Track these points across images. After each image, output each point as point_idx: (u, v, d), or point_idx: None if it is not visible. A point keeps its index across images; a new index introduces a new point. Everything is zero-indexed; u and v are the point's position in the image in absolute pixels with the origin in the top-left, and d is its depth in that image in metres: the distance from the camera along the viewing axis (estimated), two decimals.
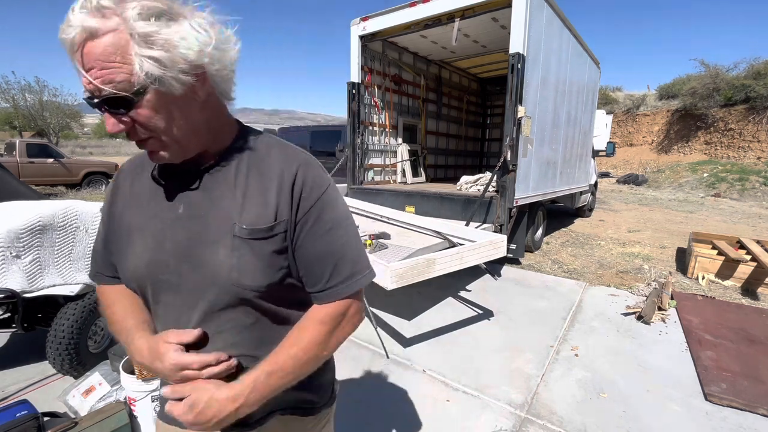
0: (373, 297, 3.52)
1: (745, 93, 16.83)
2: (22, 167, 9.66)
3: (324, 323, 0.77)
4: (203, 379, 0.71)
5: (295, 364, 0.74)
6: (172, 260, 0.74)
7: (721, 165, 16.34)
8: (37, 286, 2.22)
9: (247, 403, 0.71)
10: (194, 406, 0.69)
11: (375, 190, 5.39)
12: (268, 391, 0.73)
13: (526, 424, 2.06)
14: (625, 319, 3.40)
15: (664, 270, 4.85)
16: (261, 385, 0.72)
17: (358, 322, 0.84)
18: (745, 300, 3.94)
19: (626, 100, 22.74)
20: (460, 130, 8.85)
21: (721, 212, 10.56)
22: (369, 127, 6.04)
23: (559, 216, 8.63)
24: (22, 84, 25.74)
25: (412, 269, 2.33)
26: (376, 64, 5.97)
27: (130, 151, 38.28)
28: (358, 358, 2.65)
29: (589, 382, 2.44)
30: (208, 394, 0.69)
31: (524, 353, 2.77)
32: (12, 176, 3.72)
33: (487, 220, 4.31)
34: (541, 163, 4.91)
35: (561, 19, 4.82)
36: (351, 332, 0.83)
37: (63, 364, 2.18)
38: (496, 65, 7.75)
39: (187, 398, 0.70)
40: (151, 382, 1.79)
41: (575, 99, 5.97)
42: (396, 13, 4.88)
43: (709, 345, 2.91)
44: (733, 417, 2.15)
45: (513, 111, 3.98)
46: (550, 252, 5.66)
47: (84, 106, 36.57)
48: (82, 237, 2.43)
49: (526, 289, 4.08)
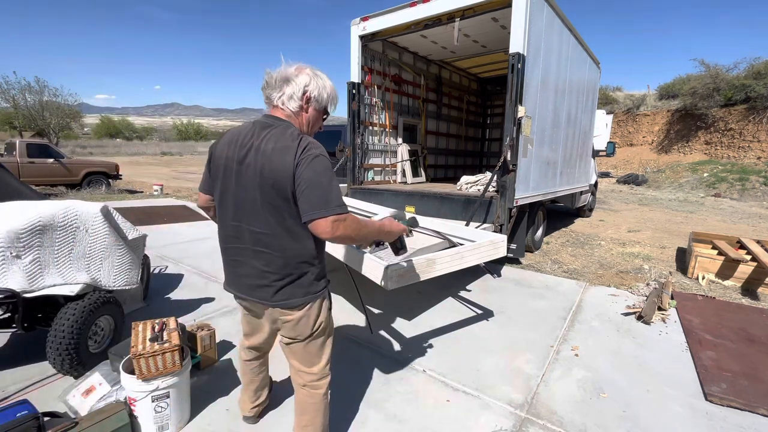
0: (374, 297, 3.53)
1: (745, 93, 16.84)
2: (23, 167, 9.66)
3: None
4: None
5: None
6: None
7: (721, 165, 16.35)
8: (38, 286, 2.22)
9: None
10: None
11: (375, 190, 5.39)
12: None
13: (526, 424, 2.06)
14: (625, 319, 3.40)
15: (664, 270, 4.85)
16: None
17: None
18: (745, 300, 3.94)
19: (626, 100, 22.74)
20: (460, 130, 8.85)
21: (721, 212, 10.56)
22: (369, 127, 6.04)
23: (559, 216, 8.63)
24: (23, 84, 25.77)
25: (412, 269, 2.32)
26: (376, 64, 5.97)
27: (130, 152, 38.28)
28: (358, 358, 2.65)
29: (589, 382, 2.44)
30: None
31: (524, 353, 2.77)
32: (12, 176, 3.72)
33: (487, 220, 4.31)
34: (541, 163, 4.91)
35: (561, 18, 4.82)
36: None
37: (63, 364, 2.18)
38: (496, 65, 7.75)
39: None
40: (151, 382, 1.79)
41: (575, 99, 5.97)
42: (396, 13, 4.88)
43: (709, 345, 2.91)
44: (733, 417, 2.15)
45: (513, 111, 3.98)
46: (550, 252, 5.66)
47: (84, 106, 36.42)
48: (82, 237, 2.43)
49: (526, 289, 4.08)
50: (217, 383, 2.32)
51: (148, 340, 1.88)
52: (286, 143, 1.36)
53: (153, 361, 1.78)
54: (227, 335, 2.91)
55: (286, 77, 1.46)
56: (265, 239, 1.43)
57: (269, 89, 1.48)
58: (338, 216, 1.33)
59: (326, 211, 1.32)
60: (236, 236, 1.49)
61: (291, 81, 1.46)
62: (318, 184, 1.33)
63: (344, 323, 3.18)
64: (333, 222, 1.33)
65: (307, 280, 1.50)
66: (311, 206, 1.33)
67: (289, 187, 1.35)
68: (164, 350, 1.81)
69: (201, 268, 4.53)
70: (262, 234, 1.43)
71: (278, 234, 1.42)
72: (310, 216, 1.33)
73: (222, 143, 1.53)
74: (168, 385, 1.83)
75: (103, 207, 2.59)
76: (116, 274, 2.58)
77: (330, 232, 1.33)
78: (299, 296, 1.50)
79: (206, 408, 2.10)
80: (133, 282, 2.68)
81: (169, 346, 1.84)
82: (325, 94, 1.53)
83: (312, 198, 1.33)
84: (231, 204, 1.47)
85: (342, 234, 1.36)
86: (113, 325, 2.51)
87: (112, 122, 60.12)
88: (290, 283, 1.48)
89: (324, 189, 1.34)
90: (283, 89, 1.46)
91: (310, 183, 1.33)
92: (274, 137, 1.39)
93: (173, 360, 1.84)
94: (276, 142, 1.38)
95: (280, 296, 1.48)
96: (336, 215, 1.33)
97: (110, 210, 2.68)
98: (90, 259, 2.45)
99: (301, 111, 1.50)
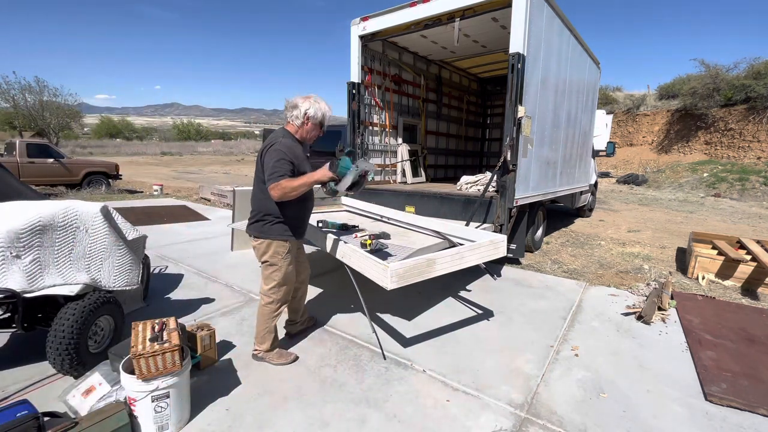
0: (374, 297, 3.52)
1: (745, 93, 16.84)
2: (23, 167, 9.67)
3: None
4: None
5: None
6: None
7: (721, 165, 16.35)
8: (37, 286, 2.22)
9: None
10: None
11: (375, 190, 5.39)
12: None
13: (526, 424, 2.06)
14: (625, 319, 3.40)
15: (664, 270, 4.85)
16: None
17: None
18: (745, 300, 3.94)
19: (626, 100, 22.74)
20: (460, 130, 8.85)
21: (721, 212, 10.56)
22: (369, 127, 6.04)
23: (559, 216, 8.64)
24: (23, 84, 25.77)
25: (412, 269, 2.32)
26: (376, 64, 5.97)
27: (130, 152, 38.29)
28: (357, 358, 2.65)
29: (589, 382, 2.44)
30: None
31: (524, 353, 2.77)
32: (12, 176, 3.72)
33: (487, 220, 4.31)
34: (541, 163, 4.91)
35: (561, 18, 4.82)
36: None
37: (63, 364, 2.18)
38: (496, 65, 7.75)
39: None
40: (151, 382, 1.79)
41: (575, 99, 5.97)
42: (396, 13, 4.88)
43: (709, 345, 2.91)
44: (733, 417, 2.15)
45: (513, 111, 3.98)
46: (550, 252, 5.66)
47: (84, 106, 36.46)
48: (82, 237, 2.43)
49: (526, 289, 4.08)
50: (217, 383, 2.32)
51: (148, 340, 1.88)
52: (271, 139, 2.29)
53: (153, 361, 1.78)
54: (227, 335, 2.91)
55: (295, 104, 2.34)
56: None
57: (286, 111, 2.37)
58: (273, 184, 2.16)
59: (270, 181, 2.18)
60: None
61: (298, 106, 2.33)
62: (267, 164, 2.21)
63: (344, 323, 3.18)
64: (270, 188, 2.17)
65: (267, 225, 2.37)
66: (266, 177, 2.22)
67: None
68: (164, 350, 1.81)
69: (201, 268, 4.53)
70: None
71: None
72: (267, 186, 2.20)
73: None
74: (168, 385, 1.83)
75: (103, 207, 2.59)
76: (116, 274, 2.58)
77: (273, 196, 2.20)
78: (257, 232, 2.40)
79: (206, 408, 2.10)
80: (133, 282, 2.68)
81: (169, 346, 1.84)
82: (320, 113, 2.36)
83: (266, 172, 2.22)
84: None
85: (277, 194, 2.17)
86: (113, 325, 2.51)
87: (112, 122, 60.16)
88: (255, 222, 2.41)
89: (269, 167, 2.20)
90: (293, 111, 2.34)
91: (265, 163, 2.23)
92: (274, 136, 2.31)
93: (173, 360, 1.84)
94: (269, 139, 2.30)
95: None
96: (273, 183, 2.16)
97: (110, 210, 2.68)
98: (90, 259, 2.45)
99: (303, 125, 2.37)
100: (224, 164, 29.30)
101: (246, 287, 3.93)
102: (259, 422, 2.01)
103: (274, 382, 2.35)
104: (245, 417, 2.04)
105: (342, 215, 4.56)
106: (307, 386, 2.33)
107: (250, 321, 3.18)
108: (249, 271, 4.43)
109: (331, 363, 2.59)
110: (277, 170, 2.15)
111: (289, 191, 2.14)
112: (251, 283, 4.04)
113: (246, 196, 4.67)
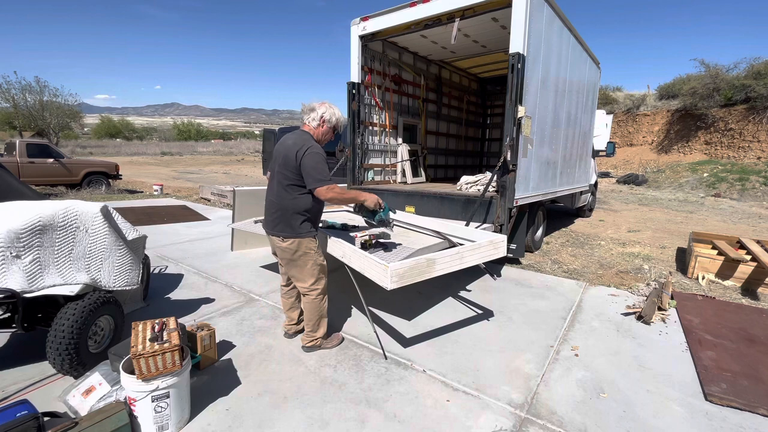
0: (374, 297, 3.53)
1: (745, 93, 16.83)
2: (22, 167, 9.67)
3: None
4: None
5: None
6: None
7: (721, 165, 16.34)
8: (37, 286, 2.22)
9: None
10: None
11: (375, 191, 5.39)
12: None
13: (526, 424, 2.06)
14: (625, 319, 3.40)
15: (664, 270, 4.85)
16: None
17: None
18: (745, 300, 3.94)
19: (626, 100, 22.73)
20: (460, 130, 8.85)
21: (721, 212, 10.56)
22: (369, 127, 6.04)
23: (559, 216, 8.64)
24: (23, 84, 25.76)
25: (412, 269, 2.32)
26: (376, 64, 5.97)
27: (130, 152, 38.29)
28: (357, 358, 2.65)
29: (589, 382, 2.44)
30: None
31: (524, 353, 2.77)
32: (12, 176, 3.73)
33: (487, 220, 4.31)
34: (541, 163, 4.91)
35: (561, 18, 4.82)
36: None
37: (63, 364, 2.18)
38: (496, 65, 7.75)
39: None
40: (151, 382, 1.79)
41: (575, 99, 5.97)
42: (396, 13, 4.88)
43: (709, 345, 2.91)
44: (733, 417, 2.15)
45: (513, 111, 3.98)
46: (550, 252, 5.66)
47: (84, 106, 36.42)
48: (82, 237, 2.43)
49: (526, 289, 4.08)
50: (217, 383, 2.32)
51: (148, 340, 1.88)
52: (298, 141, 2.41)
53: (153, 361, 1.78)
54: (227, 335, 2.91)
55: (312, 108, 2.54)
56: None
57: (303, 114, 2.56)
58: (329, 185, 2.37)
59: (323, 182, 2.34)
60: (268, 194, 2.60)
61: (315, 110, 2.53)
62: (311, 167, 2.35)
63: (344, 323, 3.18)
64: (327, 188, 2.35)
65: (297, 224, 2.47)
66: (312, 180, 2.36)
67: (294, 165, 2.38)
68: (164, 350, 1.81)
69: (201, 268, 4.53)
70: (275, 191, 2.51)
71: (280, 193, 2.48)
72: (311, 186, 2.36)
73: (280, 139, 2.59)
74: (168, 385, 1.83)
75: (103, 207, 2.59)
76: (116, 274, 2.58)
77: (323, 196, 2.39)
78: (288, 232, 2.48)
79: (206, 408, 2.10)
80: (133, 282, 2.68)
81: (169, 346, 1.84)
82: (334, 117, 2.57)
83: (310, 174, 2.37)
84: (272, 173, 2.55)
85: (330, 195, 2.36)
86: (113, 325, 2.51)
87: (112, 122, 60.08)
88: (281, 224, 2.49)
89: (316, 170, 2.36)
90: (310, 114, 2.54)
91: (308, 165, 2.34)
92: (297, 137, 2.45)
93: (173, 360, 1.84)
94: (294, 140, 2.43)
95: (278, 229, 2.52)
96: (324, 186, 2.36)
97: (110, 210, 2.68)
98: (90, 260, 2.45)
99: (319, 126, 2.55)
100: (224, 164, 29.30)
101: (246, 287, 3.93)
102: (259, 422, 2.01)
103: (274, 382, 2.35)
104: (245, 417, 2.04)
105: (342, 215, 4.56)
106: (307, 386, 2.33)
107: (250, 321, 3.18)
108: (249, 271, 4.43)
109: (331, 363, 2.59)
110: (325, 172, 2.36)
111: (338, 196, 2.38)
112: (251, 283, 4.04)
113: (246, 196, 4.68)
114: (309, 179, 2.33)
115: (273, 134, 11.34)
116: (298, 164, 2.33)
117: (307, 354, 2.69)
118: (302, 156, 2.32)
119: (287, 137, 2.52)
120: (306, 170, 2.32)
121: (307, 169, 2.32)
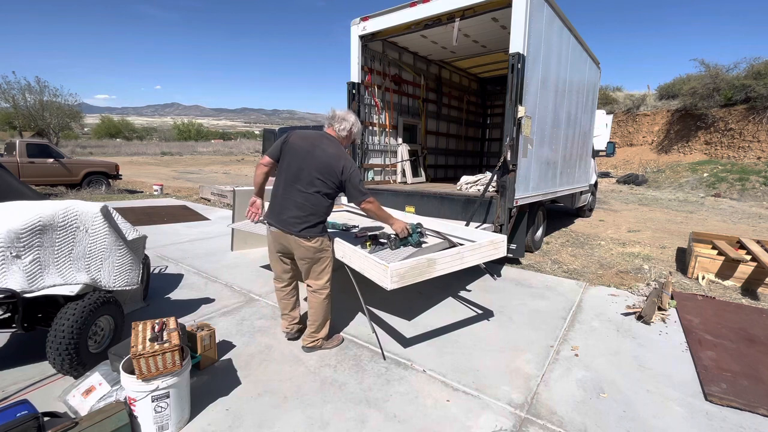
0: (374, 297, 3.53)
1: (745, 93, 16.84)
2: (22, 167, 9.67)
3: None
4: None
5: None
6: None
7: (722, 165, 16.34)
8: (37, 286, 2.22)
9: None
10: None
11: (375, 190, 5.39)
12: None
13: (526, 424, 2.06)
14: (625, 319, 3.40)
15: (664, 270, 4.85)
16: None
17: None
18: (745, 300, 3.94)
19: (626, 100, 22.74)
20: (460, 130, 8.85)
21: (721, 212, 10.56)
22: (369, 127, 6.04)
23: (559, 216, 8.64)
24: (23, 84, 25.75)
25: (413, 269, 2.32)
26: (376, 64, 5.97)
27: (130, 152, 38.30)
28: (357, 358, 2.65)
29: (589, 382, 2.44)
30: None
31: (524, 353, 2.77)
32: (12, 176, 3.73)
33: (487, 220, 4.31)
34: (541, 163, 4.91)
35: (561, 18, 4.82)
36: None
37: (63, 364, 2.18)
38: (496, 65, 7.75)
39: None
40: (151, 382, 1.79)
41: (575, 99, 5.97)
42: (396, 13, 4.88)
43: (709, 345, 2.91)
44: (733, 417, 2.15)
45: (513, 111, 3.98)
46: (550, 252, 5.66)
47: (84, 106, 36.38)
48: (82, 237, 2.43)
49: (526, 289, 4.08)
50: (217, 383, 2.32)
51: (148, 340, 1.88)
52: (339, 153, 2.54)
53: (153, 361, 1.78)
54: (227, 335, 2.91)
55: (344, 117, 2.67)
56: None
57: (333, 120, 2.66)
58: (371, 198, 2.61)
59: (366, 195, 2.58)
60: (286, 192, 2.54)
61: (347, 120, 2.67)
62: (356, 179, 2.55)
63: (344, 323, 3.18)
64: (369, 200, 2.59)
65: (321, 225, 2.57)
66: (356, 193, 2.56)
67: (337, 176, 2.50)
68: (164, 350, 1.81)
69: (201, 268, 4.53)
70: (306, 194, 2.51)
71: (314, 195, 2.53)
72: (356, 199, 2.57)
73: (296, 136, 2.58)
74: (168, 385, 1.83)
75: (103, 207, 2.59)
76: (116, 274, 2.58)
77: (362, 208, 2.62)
78: (314, 232, 2.54)
79: (206, 408, 2.10)
80: (133, 282, 2.68)
81: (169, 346, 1.84)
82: (356, 129, 2.75)
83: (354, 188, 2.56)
84: (294, 171, 2.51)
85: (371, 207, 2.60)
86: (113, 325, 2.51)
87: (112, 122, 60.09)
88: (309, 225, 2.53)
89: (359, 182, 2.58)
90: (342, 123, 2.66)
91: (354, 179, 2.53)
92: (332, 146, 2.56)
93: (173, 360, 1.84)
94: (333, 150, 2.54)
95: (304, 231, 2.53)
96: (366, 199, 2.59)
97: (110, 210, 2.68)
98: (90, 260, 2.45)
99: (347, 137, 2.72)
100: (224, 164, 29.31)
101: (246, 287, 3.93)
102: (259, 422, 2.01)
103: (274, 382, 2.35)
104: (245, 417, 2.04)
105: (342, 215, 4.56)
106: (307, 386, 2.33)
107: (250, 321, 3.18)
108: (249, 271, 4.43)
109: (331, 363, 2.59)
110: (364, 186, 2.61)
111: (375, 210, 2.65)
112: (251, 283, 4.04)
113: (246, 196, 4.68)
114: (355, 192, 2.53)
115: (273, 134, 11.34)
116: (343, 178, 2.48)
117: (307, 354, 2.69)
118: (350, 173, 2.49)
119: (317, 140, 2.55)
120: (353, 184, 2.51)
121: (353, 183, 2.51)
